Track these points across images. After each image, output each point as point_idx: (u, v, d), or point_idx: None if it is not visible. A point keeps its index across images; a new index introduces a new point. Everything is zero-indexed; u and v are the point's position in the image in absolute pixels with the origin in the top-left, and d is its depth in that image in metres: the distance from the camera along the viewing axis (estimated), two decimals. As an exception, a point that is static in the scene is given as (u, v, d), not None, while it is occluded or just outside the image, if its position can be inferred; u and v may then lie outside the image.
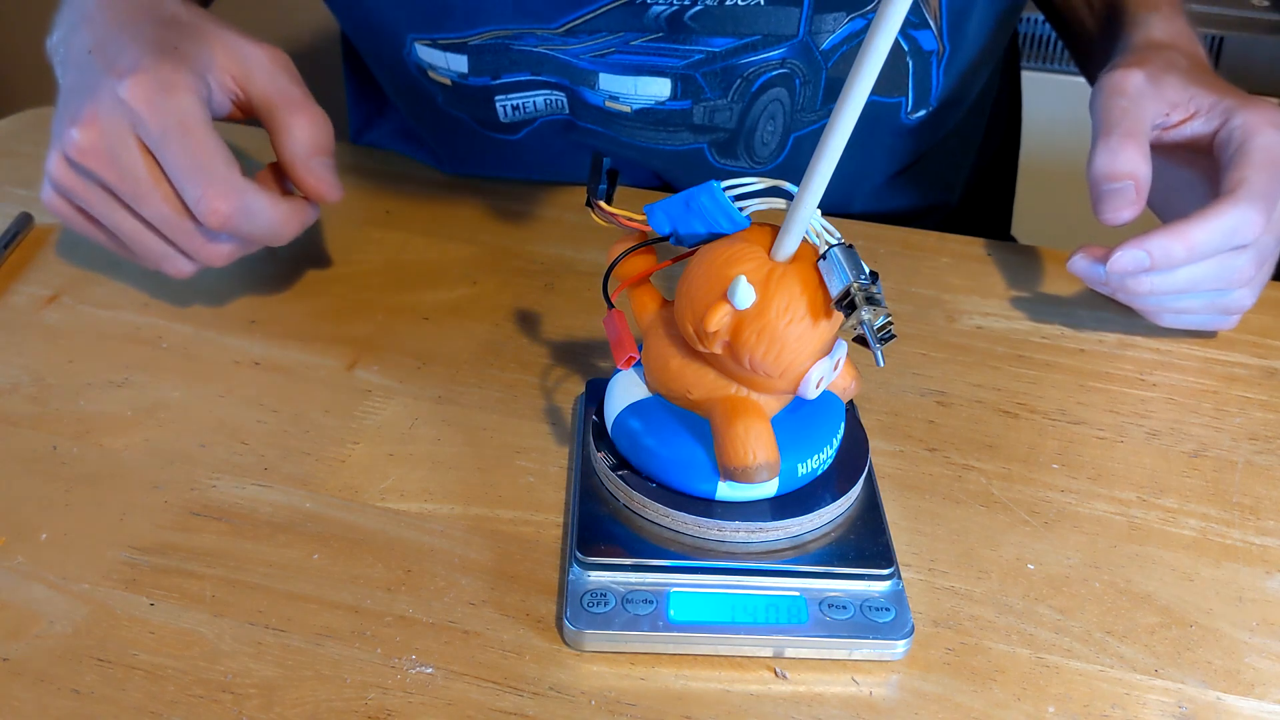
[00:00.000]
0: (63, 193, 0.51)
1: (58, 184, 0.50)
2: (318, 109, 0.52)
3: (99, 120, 0.48)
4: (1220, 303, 0.55)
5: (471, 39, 0.62)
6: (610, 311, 0.44)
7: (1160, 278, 0.52)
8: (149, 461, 0.47)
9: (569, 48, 0.61)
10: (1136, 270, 0.52)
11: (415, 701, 0.38)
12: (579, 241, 0.63)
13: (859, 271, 0.38)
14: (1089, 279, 0.55)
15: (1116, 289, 0.54)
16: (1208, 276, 0.53)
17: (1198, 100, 0.55)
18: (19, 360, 0.53)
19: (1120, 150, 0.53)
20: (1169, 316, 0.56)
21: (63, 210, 0.52)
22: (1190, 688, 0.40)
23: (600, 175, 0.43)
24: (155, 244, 0.51)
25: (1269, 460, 0.51)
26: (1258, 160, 0.52)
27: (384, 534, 0.45)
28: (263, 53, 0.52)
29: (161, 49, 0.49)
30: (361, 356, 0.54)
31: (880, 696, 0.40)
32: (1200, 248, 0.51)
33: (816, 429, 0.43)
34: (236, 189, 0.48)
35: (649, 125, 0.65)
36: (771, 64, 0.62)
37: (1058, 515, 0.47)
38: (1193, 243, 0.51)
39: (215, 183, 0.48)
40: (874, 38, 0.34)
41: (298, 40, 1.46)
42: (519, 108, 0.65)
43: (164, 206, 0.49)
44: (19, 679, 0.38)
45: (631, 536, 0.42)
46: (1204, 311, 0.56)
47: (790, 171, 0.67)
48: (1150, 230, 0.51)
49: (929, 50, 0.65)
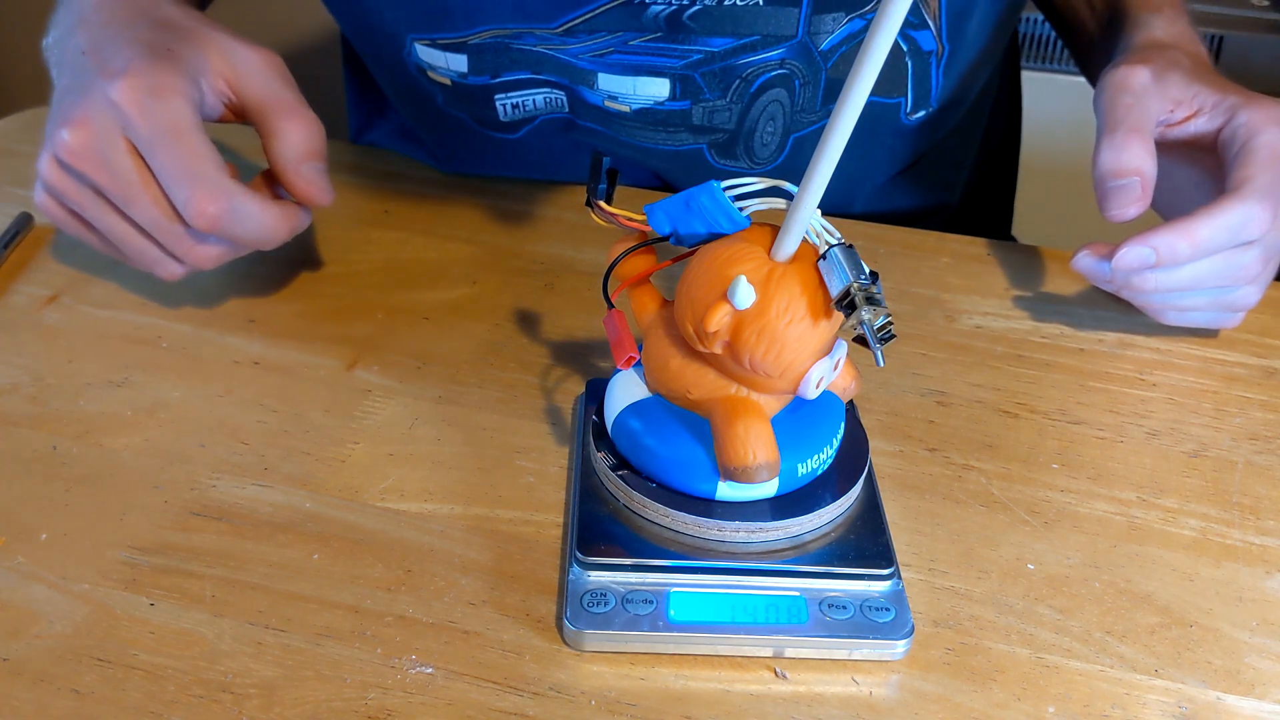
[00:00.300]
0: (54, 194, 0.51)
1: (49, 186, 0.50)
2: (310, 114, 0.52)
3: (90, 122, 0.48)
4: (1225, 300, 0.54)
5: (471, 38, 0.62)
6: (610, 311, 0.44)
7: (1165, 275, 0.52)
8: (149, 461, 0.47)
9: (568, 47, 0.61)
10: (1141, 267, 0.51)
11: (415, 701, 0.38)
12: (579, 241, 0.63)
13: (859, 271, 0.38)
14: (1094, 276, 0.55)
15: (1121, 286, 0.54)
16: (1213, 273, 0.52)
17: (1201, 98, 0.55)
18: (19, 360, 0.53)
19: (1125, 146, 0.53)
20: (1173, 314, 0.56)
21: (55, 212, 0.52)
22: (1190, 688, 0.40)
23: (600, 175, 0.43)
24: (146, 247, 0.51)
25: (1269, 460, 0.51)
26: (1263, 157, 0.52)
27: (384, 534, 0.45)
28: (256, 56, 0.52)
29: (154, 52, 0.49)
30: (361, 356, 0.54)
31: (880, 696, 0.40)
32: (1205, 244, 0.51)
33: (816, 429, 0.43)
34: (225, 191, 0.48)
35: (648, 125, 0.65)
36: (770, 64, 0.62)
37: (1058, 515, 0.47)
38: (1198, 239, 0.51)
39: (204, 185, 0.48)
40: (874, 38, 0.34)
41: (298, 41, 1.46)
42: (519, 106, 0.65)
43: (153, 209, 0.49)
44: (19, 679, 0.38)
45: (631, 536, 0.42)
46: (1209, 309, 0.55)
47: (790, 173, 0.67)
48: (1155, 227, 0.51)
49: (928, 51, 0.65)
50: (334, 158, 0.70)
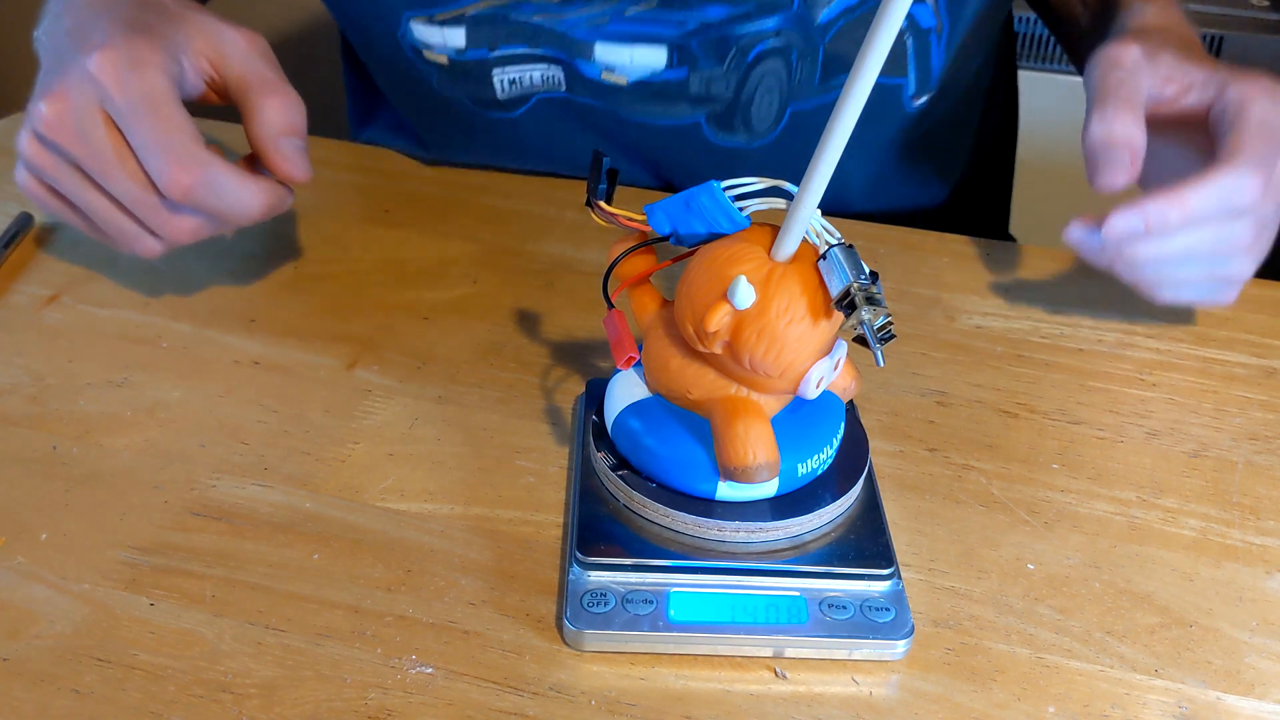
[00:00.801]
0: (34, 171, 0.51)
1: (29, 162, 0.50)
2: (290, 91, 0.52)
3: (67, 95, 0.48)
4: (1220, 272, 0.54)
5: (469, 9, 0.62)
6: (610, 311, 0.44)
7: (1157, 245, 0.52)
8: (149, 461, 0.47)
9: (564, 17, 0.62)
10: (1132, 235, 0.51)
11: (415, 701, 0.38)
12: (579, 241, 0.63)
13: (859, 271, 0.38)
14: (1086, 248, 0.54)
15: (1114, 258, 0.53)
16: (1205, 243, 0.52)
17: (1192, 75, 0.55)
18: (19, 360, 0.53)
19: (1115, 118, 0.52)
20: (1168, 290, 0.55)
21: (35, 190, 0.52)
22: (1190, 688, 0.40)
23: (600, 175, 0.43)
24: (123, 223, 0.51)
25: (1269, 460, 0.51)
26: (1254, 127, 0.51)
27: (384, 534, 0.45)
28: (239, 36, 0.52)
29: (134, 28, 0.50)
30: (361, 356, 0.54)
31: (880, 696, 0.40)
32: (1196, 211, 0.50)
33: (816, 429, 0.43)
34: (200, 161, 0.48)
35: (646, 98, 0.65)
36: (766, 34, 0.62)
37: (1058, 515, 0.47)
38: (1188, 206, 0.50)
39: (179, 155, 0.48)
40: (874, 38, 0.34)
41: (298, 36, 1.46)
42: (516, 82, 0.65)
43: (128, 181, 0.49)
44: (19, 679, 0.38)
45: (631, 536, 0.42)
46: (1203, 282, 0.55)
47: (787, 147, 0.67)
48: (1145, 195, 0.51)
49: (927, 28, 0.65)
50: (334, 158, 0.70)
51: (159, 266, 0.59)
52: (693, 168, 0.69)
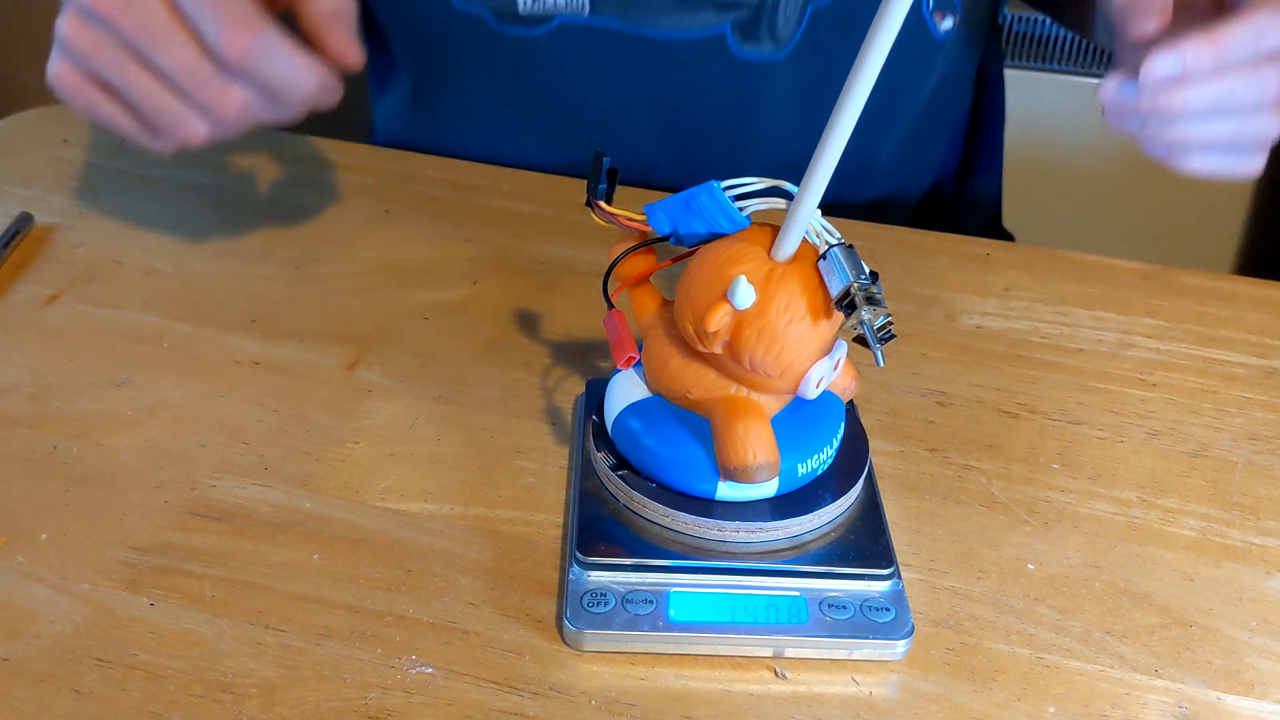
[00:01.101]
0: (72, 55, 0.49)
1: (68, 44, 0.49)
2: None
3: None
4: (1249, 129, 0.53)
5: None
6: (610, 311, 0.44)
7: (1193, 91, 0.50)
8: (149, 461, 0.47)
9: None
10: (1170, 77, 0.50)
11: (415, 701, 0.38)
12: (580, 241, 0.63)
13: (859, 271, 0.38)
14: (1120, 105, 0.52)
15: (1149, 111, 0.52)
16: (1237, 90, 0.51)
17: None
18: (19, 360, 0.53)
19: None
20: (1197, 156, 0.54)
21: (69, 80, 0.50)
22: (1190, 688, 0.40)
23: (600, 175, 0.43)
24: (168, 102, 0.49)
25: (1269, 460, 0.51)
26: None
27: (384, 534, 0.45)
28: None
29: None
30: (362, 356, 0.54)
31: (880, 696, 0.40)
32: (1230, 51, 0.49)
33: (816, 429, 0.43)
34: (258, 23, 0.47)
35: (671, 6, 0.65)
36: None
37: (1058, 515, 0.47)
38: (1223, 45, 0.49)
39: (236, 15, 0.47)
40: (875, 38, 0.34)
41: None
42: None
43: (182, 50, 0.48)
44: (19, 679, 0.39)
45: (631, 536, 0.42)
46: (1232, 141, 0.54)
47: (808, 55, 0.68)
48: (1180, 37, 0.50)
49: None
50: (335, 158, 0.70)
51: (160, 267, 0.59)
52: (717, 92, 0.69)
